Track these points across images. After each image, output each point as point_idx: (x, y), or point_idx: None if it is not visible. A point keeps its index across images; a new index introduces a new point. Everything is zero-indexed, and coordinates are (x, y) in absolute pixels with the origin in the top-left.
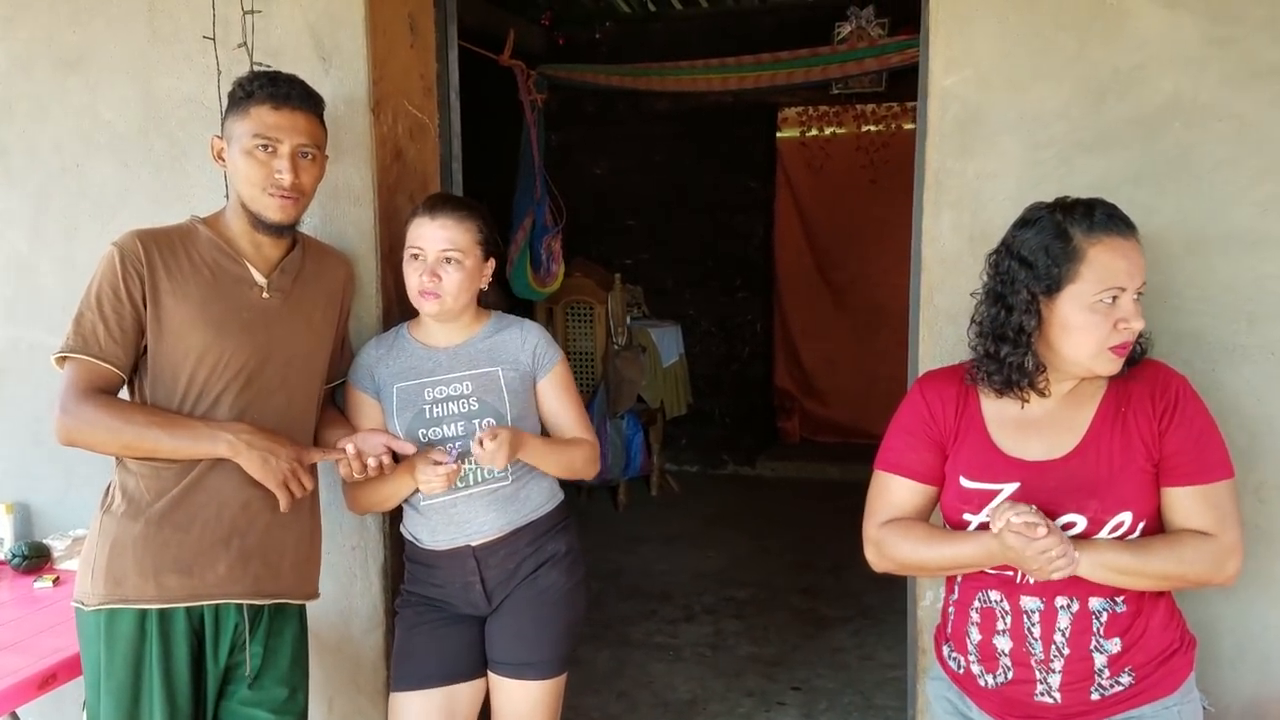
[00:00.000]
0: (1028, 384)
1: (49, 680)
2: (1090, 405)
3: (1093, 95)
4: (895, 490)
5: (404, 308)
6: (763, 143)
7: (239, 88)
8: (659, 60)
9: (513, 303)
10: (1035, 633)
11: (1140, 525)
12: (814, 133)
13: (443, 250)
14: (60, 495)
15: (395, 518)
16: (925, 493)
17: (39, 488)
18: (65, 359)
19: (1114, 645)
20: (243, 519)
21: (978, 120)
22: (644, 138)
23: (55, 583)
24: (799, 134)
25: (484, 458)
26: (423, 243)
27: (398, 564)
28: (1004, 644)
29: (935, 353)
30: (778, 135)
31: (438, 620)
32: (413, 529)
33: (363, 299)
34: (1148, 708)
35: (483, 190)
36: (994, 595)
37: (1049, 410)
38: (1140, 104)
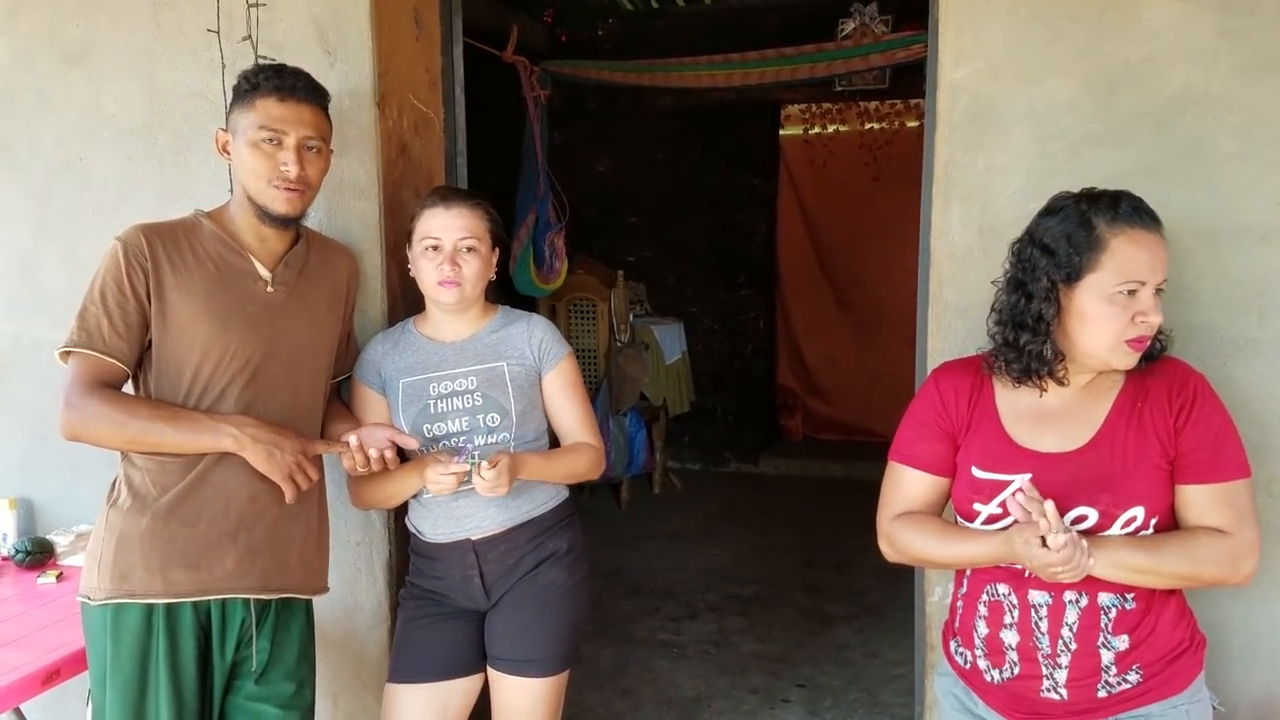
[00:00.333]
0: (1046, 372)
1: (53, 676)
2: (1106, 399)
3: (1103, 87)
4: (908, 482)
5: (409, 302)
6: (766, 140)
7: (244, 80)
8: (662, 57)
9: (515, 300)
10: (1042, 627)
11: (1153, 521)
12: (817, 130)
13: (461, 238)
14: (64, 491)
15: (400, 514)
16: (937, 484)
17: (42, 483)
18: (69, 354)
19: (1122, 642)
20: (250, 513)
21: (988, 113)
22: (647, 135)
23: (59, 578)
24: (802, 131)
25: (484, 488)
26: (440, 232)
27: (403, 560)
28: (1011, 638)
29: (944, 348)
30: (781, 132)
31: (437, 614)
32: (416, 521)
33: (367, 294)
34: (1155, 706)
35: (486, 186)
36: (1002, 588)
37: (1065, 403)
38: (1151, 96)
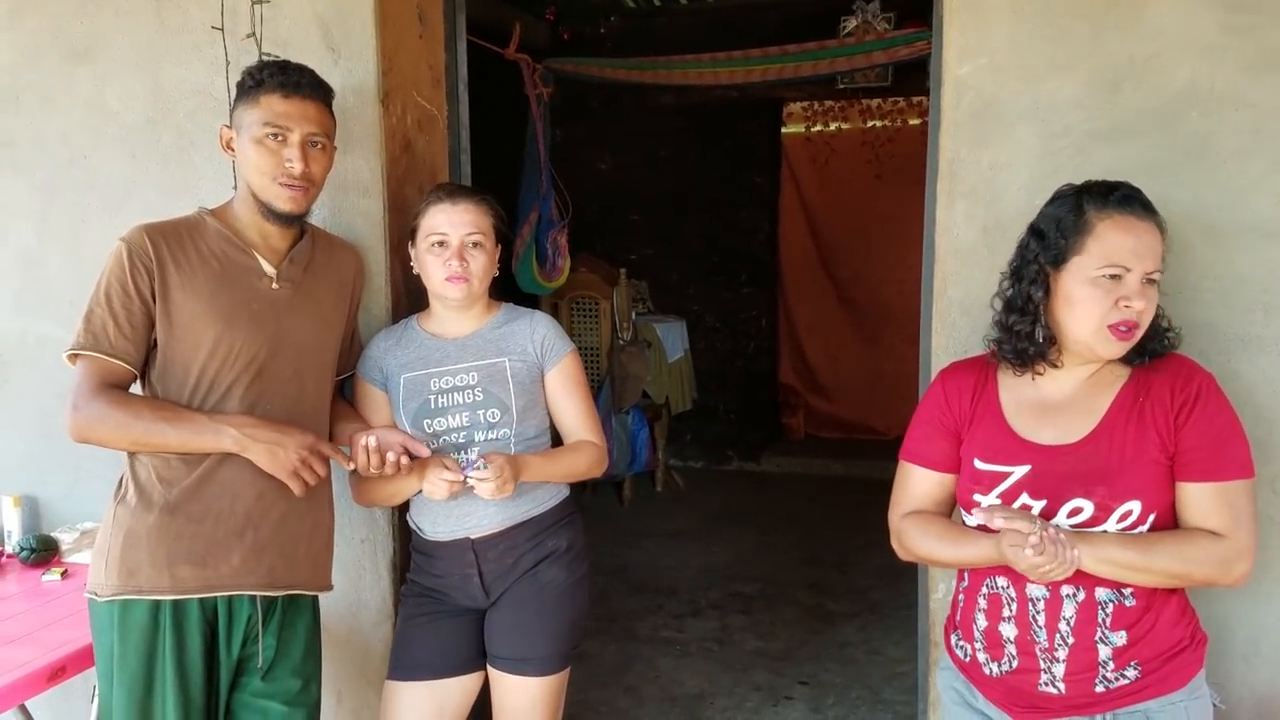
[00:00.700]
0: (1038, 354)
1: (58, 673)
2: (1108, 393)
3: (1108, 84)
4: (916, 480)
5: (413, 300)
6: (768, 138)
7: (248, 76)
8: (664, 55)
9: (518, 298)
10: (1040, 620)
11: (1151, 517)
12: (819, 128)
13: (467, 234)
14: (68, 488)
15: (404, 511)
16: (944, 481)
17: (47, 480)
18: (77, 356)
19: (1120, 638)
20: (257, 510)
21: (992, 110)
22: (649, 133)
23: (63, 576)
24: (804, 129)
25: (487, 492)
26: (446, 229)
27: (406, 557)
28: (1009, 631)
29: (948, 345)
30: (783, 130)
31: (436, 612)
32: (416, 519)
33: (372, 291)
34: (1154, 702)
35: (489, 184)
36: (1001, 581)
37: (1067, 396)
38: (1156, 93)
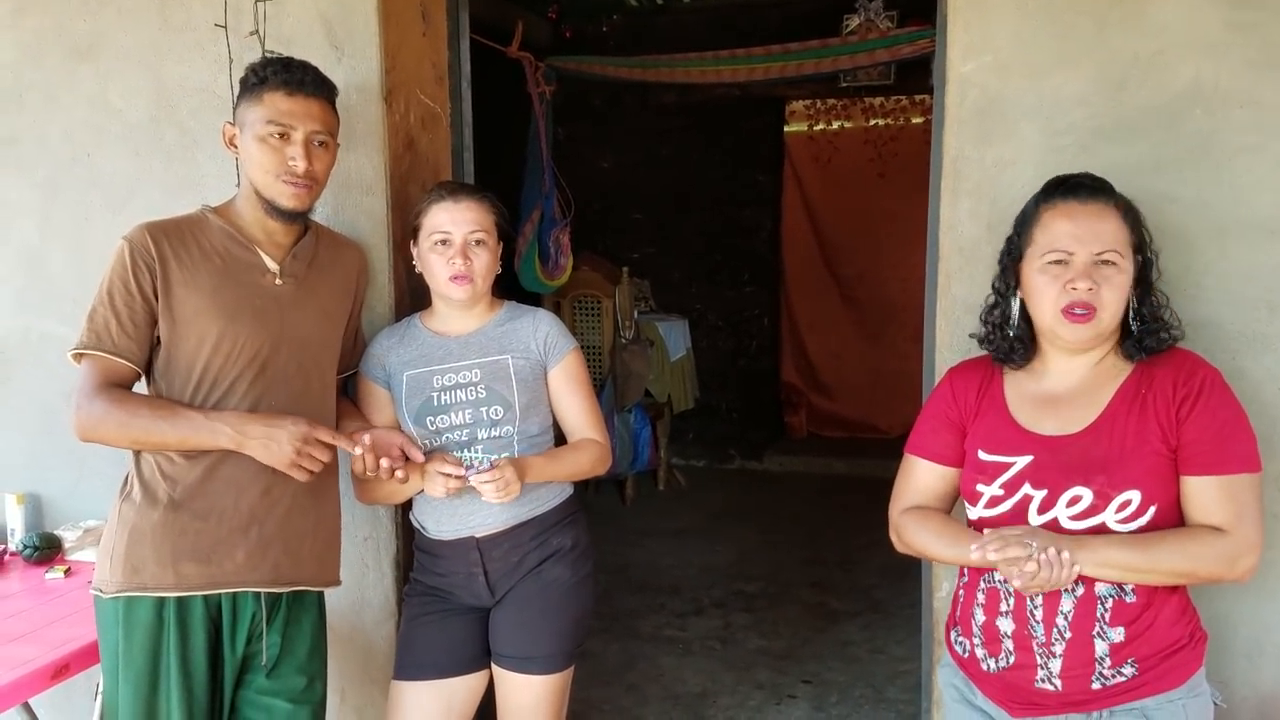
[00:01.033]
0: (1013, 347)
1: (61, 671)
2: (1111, 386)
3: (1113, 82)
4: (919, 473)
5: (416, 297)
6: (770, 136)
7: (252, 73)
8: (666, 53)
9: (520, 297)
10: (1037, 615)
11: (1151, 509)
12: (821, 126)
13: (470, 231)
14: (71, 486)
15: (407, 508)
16: (946, 475)
17: (50, 478)
18: (81, 356)
19: (1117, 634)
20: (261, 506)
21: (996, 107)
22: (651, 132)
23: (66, 574)
24: (806, 128)
25: (493, 496)
26: (449, 226)
27: (409, 555)
28: (1007, 625)
29: (951, 342)
30: (785, 129)
31: (441, 611)
32: (420, 518)
33: (375, 289)
34: (1151, 700)
35: (491, 182)
36: (999, 576)
37: (1070, 389)
38: (1161, 90)
